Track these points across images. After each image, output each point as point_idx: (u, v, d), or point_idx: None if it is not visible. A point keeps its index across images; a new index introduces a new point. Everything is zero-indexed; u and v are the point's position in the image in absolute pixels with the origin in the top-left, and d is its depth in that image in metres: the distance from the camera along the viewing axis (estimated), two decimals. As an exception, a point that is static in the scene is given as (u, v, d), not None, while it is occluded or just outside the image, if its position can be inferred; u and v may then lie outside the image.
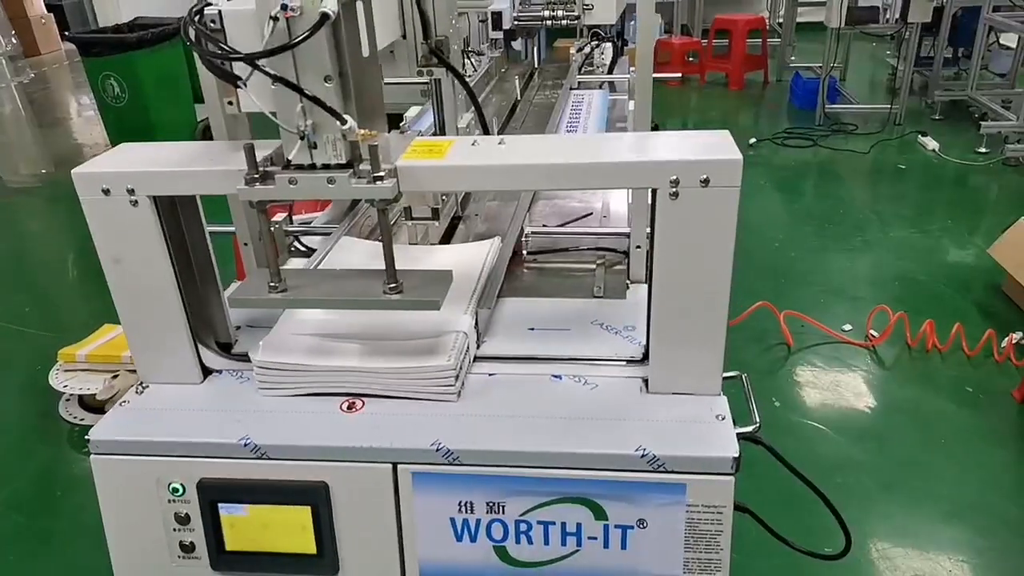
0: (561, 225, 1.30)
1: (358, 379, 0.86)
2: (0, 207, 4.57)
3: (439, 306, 0.79)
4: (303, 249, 1.22)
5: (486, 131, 1.39)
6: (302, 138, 0.72)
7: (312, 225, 1.26)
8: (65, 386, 2.44)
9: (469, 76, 1.92)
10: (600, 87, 2.23)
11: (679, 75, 3.28)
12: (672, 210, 0.74)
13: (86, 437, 0.85)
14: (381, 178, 0.73)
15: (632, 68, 2.31)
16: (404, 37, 1.01)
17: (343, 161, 0.74)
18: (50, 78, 7.46)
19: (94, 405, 2.42)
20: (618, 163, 0.73)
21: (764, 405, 2.47)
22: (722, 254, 0.75)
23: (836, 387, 2.52)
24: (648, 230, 0.86)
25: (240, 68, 0.71)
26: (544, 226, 1.26)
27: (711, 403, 0.82)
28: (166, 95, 4.72)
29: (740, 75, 6.16)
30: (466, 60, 2.03)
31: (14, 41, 4.31)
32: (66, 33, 5.95)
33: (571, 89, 2.13)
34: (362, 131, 0.72)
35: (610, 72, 2.36)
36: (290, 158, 0.74)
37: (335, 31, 0.71)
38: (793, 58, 6.24)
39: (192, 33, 0.70)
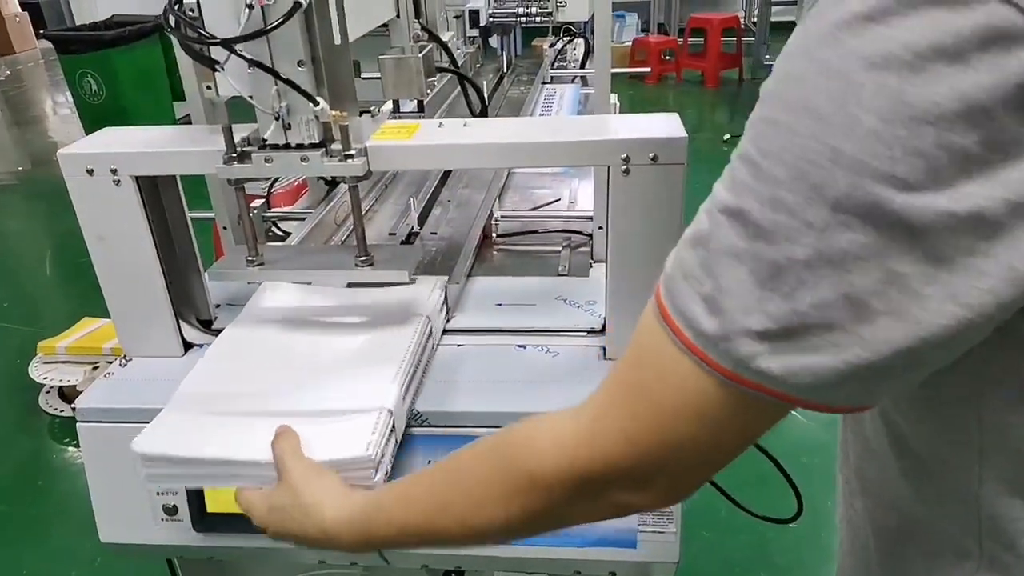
0: (531, 210, 1.35)
1: (259, 472, 0.73)
2: (-22, 204, 4.55)
3: (407, 277, 0.84)
4: (280, 234, 1.27)
5: (483, 105, 1.44)
6: (277, 119, 0.77)
7: (289, 211, 1.31)
8: (45, 378, 2.47)
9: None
10: (572, 81, 2.28)
11: (647, 70, 3.34)
12: (624, 186, 0.80)
13: (75, 412, 0.90)
14: (352, 156, 0.78)
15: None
16: (398, 16, 1.06)
17: (316, 141, 0.79)
18: (25, 76, 7.41)
19: (74, 396, 2.44)
20: (573, 142, 0.79)
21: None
22: (671, 227, 0.81)
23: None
24: (608, 210, 0.91)
25: (218, 53, 0.75)
26: (513, 211, 1.32)
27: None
28: (144, 92, 4.73)
29: (716, 73, 6.25)
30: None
31: (-11, 39, 4.31)
32: (42, 31, 5.92)
33: (543, 83, 2.18)
34: (334, 112, 0.77)
35: (582, 67, 2.42)
36: (265, 138, 0.78)
37: (307, 18, 0.76)
38: (767, 56, 6.34)
39: (172, 20, 0.75)
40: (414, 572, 1.03)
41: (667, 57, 6.51)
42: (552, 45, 2.38)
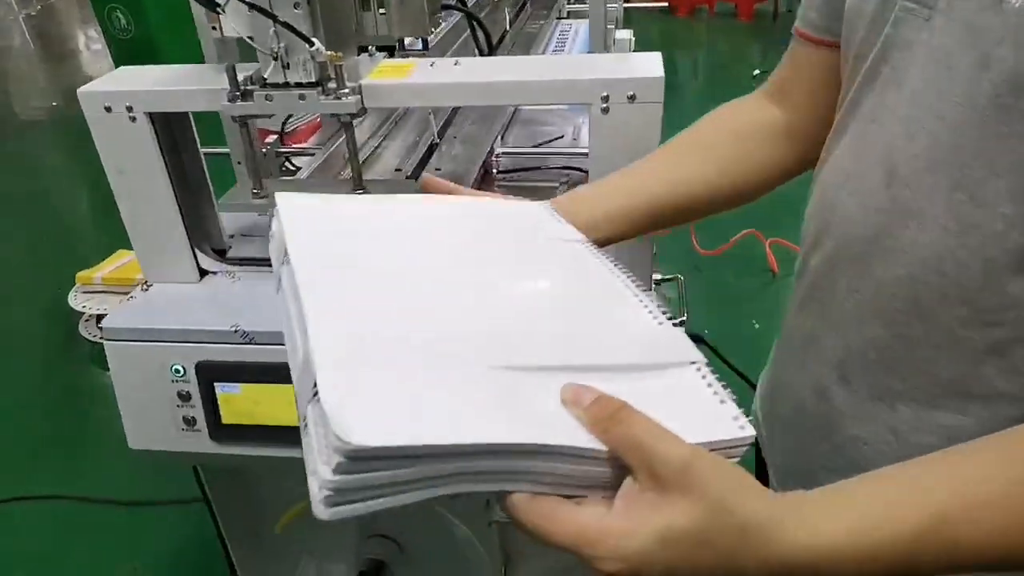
0: (534, 146, 1.39)
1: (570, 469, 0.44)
2: (13, 139, 4.68)
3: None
4: (292, 169, 1.33)
5: (489, 44, 1.47)
6: (275, 59, 0.82)
7: (301, 147, 1.37)
8: (84, 307, 2.60)
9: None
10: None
11: (665, 4, 3.29)
12: (604, 124, 0.84)
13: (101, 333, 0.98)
14: (346, 94, 0.83)
15: (619, -2, 2.35)
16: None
17: (313, 80, 0.84)
18: (58, 11, 7.47)
19: (111, 324, 2.58)
20: (554, 80, 0.83)
21: (743, 326, 2.60)
22: (648, 163, 0.85)
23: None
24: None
25: (219, -4, 0.80)
26: (516, 147, 1.36)
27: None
28: (173, 29, 4.75)
29: (749, 6, 6.08)
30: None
31: (20, -26, 4.36)
32: (72, -35, 5.94)
33: (558, 19, 2.19)
34: (329, 53, 0.82)
35: (600, 2, 2.40)
36: (265, 77, 0.84)
37: (302, -39, 0.80)
38: (803, -11, 6.13)
39: (176, -36, 0.79)
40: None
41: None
42: (568, -21, 2.37)
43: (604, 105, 0.83)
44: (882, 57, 0.62)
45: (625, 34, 2.14)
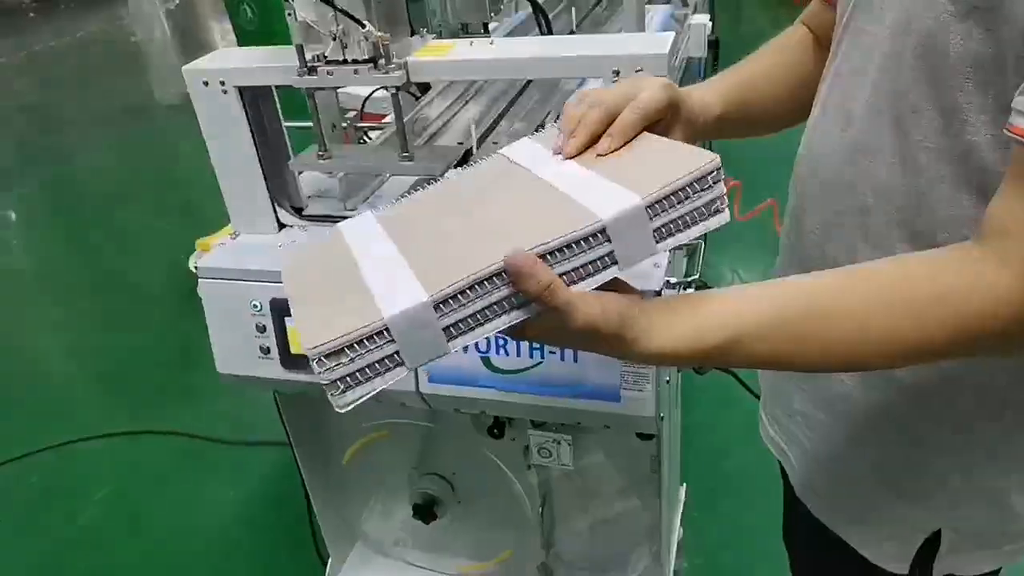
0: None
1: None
2: (153, 121, 5.15)
3: (438, 173, 1.03)
4: (367, 140, 1.50)
5: (548, 26, 1.59)
6: (335, 39, 0.97)
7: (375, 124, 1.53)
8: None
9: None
10: (668, 2, 2.34)
11: None
12: (616, 95, 0.95)
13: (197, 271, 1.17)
14: (393, 69, 0.97)
15: (698, -18, 2.39)
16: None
17: (366, 57, 0.98)
18: (196, 4, 8.08)
19: (224, 285, 2.86)
20: (568, 56, 0.94)
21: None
22: (655, 131, 0.95)
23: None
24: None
25: (291, -13, 0.96)
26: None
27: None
28: (291, 18, 5.06)
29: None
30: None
31: (161, -29, 4.77)
32: (207, -38, 6.43)
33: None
34: (379, 34, 0.97)
35: (681, -13, 2.45)
36: (327, 55, 0.99)
37: (359, -44, 0.95)
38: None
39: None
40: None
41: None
42: (649, -35, 2.43)
43: (615, 79, 0.93)
44: (850, 19, 0.73)
45: (701, 19, 2.20)
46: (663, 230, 0.61)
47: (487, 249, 0.59)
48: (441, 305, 0.58)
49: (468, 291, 0.58)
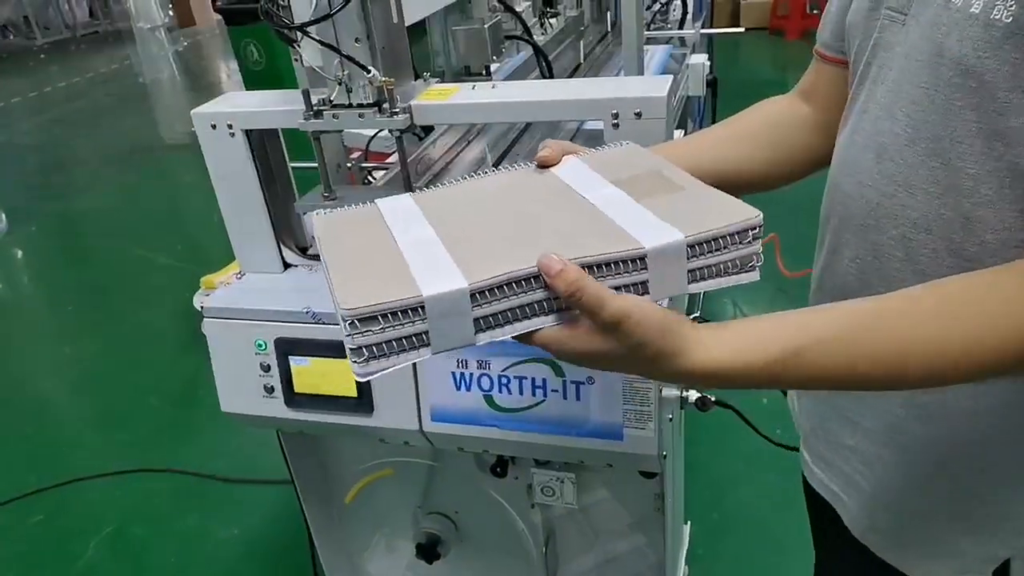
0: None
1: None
2: (159, 161, 5.22)
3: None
4: (371, 180, 1.52)
5: (548, 69, 1.62)
6: (340, 84, 1.00)
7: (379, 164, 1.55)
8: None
9: (544, 34, 2.15)
10: (667, 42, 2.38)
11: (741, 29, 3.31)
12: (616, 137, 0.96)
13: (202, 311, 1.18)
14: (397, 113, 0.99)
15: (696, 24, 2.45)
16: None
17: (371, 101, 1.01)
18: (204, 46, 8.23)
19: (229, 322, 2.87)
20: (570, 99, 0.96)
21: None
22: (655, 172, 0.97)
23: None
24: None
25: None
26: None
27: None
28: (297, 59, 5.14)
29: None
30: (545, 21, 2.26)
31: (171, 14, 4.87)
32: (216, 3, 6.57)
33: (636, 45, 2.30)
34: (383, 79, 0.99)
35: (680, 27, 2.50)
36: (332, 99, 1.01)
37: (363, 4, 0.97)
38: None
39: (263, 9, 0.98)
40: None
41: (813, 11, 6.28)
42: (648, 7, 2.48)
43: (615, 121, 0.95)
44: (871, 58, 0.75)
45: (699, 59, 2.24)
46: (697, 273, 0.62)
47: (527, 252, 0.60)
48: (477, 295, 0.59)
49: (505, 287, 0.59)
